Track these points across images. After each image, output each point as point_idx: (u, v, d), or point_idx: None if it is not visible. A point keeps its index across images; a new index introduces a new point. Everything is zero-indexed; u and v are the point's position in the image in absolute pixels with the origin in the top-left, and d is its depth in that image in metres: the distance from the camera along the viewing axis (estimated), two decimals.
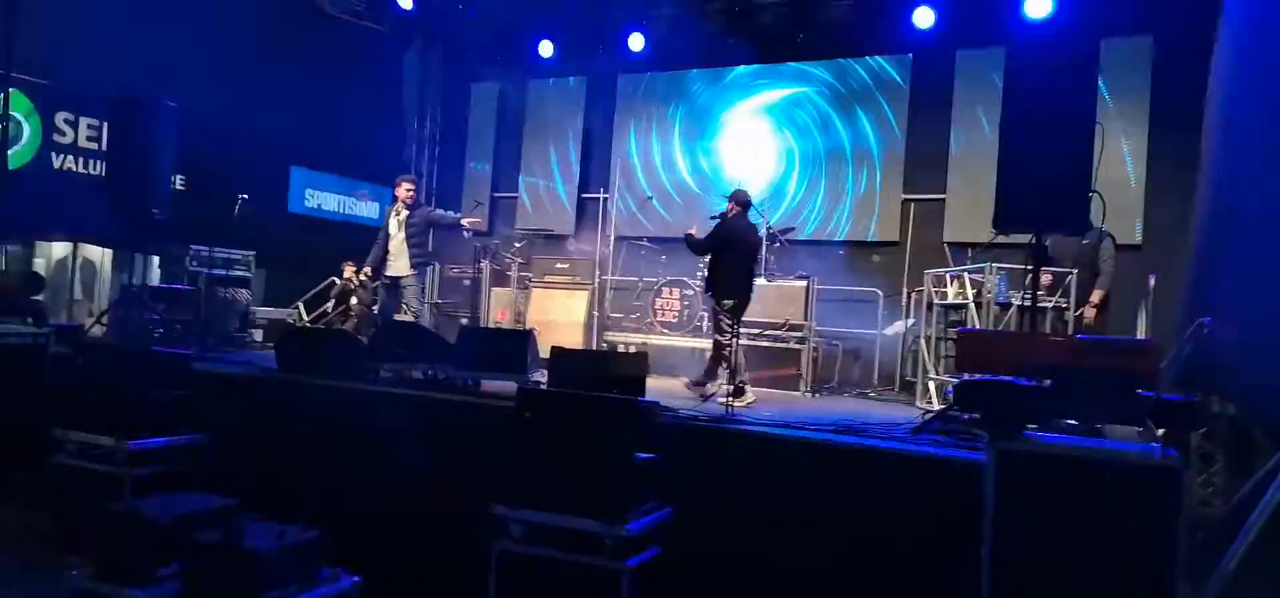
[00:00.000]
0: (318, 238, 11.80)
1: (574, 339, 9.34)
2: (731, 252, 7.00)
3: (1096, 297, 6.82)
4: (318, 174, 12.54)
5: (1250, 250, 4.30)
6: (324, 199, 12.67)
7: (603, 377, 4.59)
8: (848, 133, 10.84)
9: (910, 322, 8.52)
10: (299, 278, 10.91)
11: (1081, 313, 6.71)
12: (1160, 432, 3.55)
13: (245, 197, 9.22)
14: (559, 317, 9.68)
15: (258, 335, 9.52)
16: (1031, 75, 4.91)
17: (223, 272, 9.42)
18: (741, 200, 7.26)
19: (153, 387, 5.11)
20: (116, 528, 3.31)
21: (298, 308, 10.71)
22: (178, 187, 9.11)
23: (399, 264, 8.13)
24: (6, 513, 5.64)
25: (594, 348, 9.12)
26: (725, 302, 6.64)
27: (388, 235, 8.25)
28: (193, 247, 9.43)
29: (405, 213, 8.19)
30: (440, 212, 9.00)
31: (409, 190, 8.32)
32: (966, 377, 4.84)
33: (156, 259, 9.26)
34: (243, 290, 9.65)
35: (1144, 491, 3.19)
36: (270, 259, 10.52)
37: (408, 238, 8.12)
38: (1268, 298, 3.81)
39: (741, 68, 11.48)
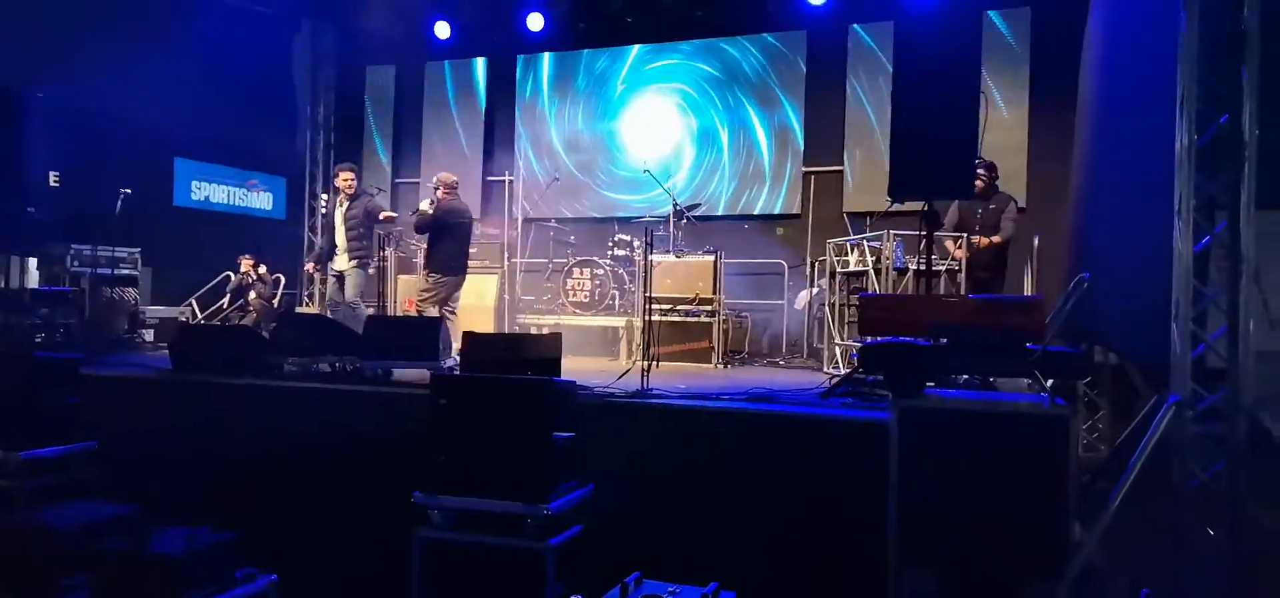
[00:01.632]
0: (207, 232, 11.32)
1: (485, 324, 9.27)
2: (449, 231, 7.81)
3: (993, 241, 7.05)
4: (205, 166, 12.00)
5: (1125, 207, 4.59)
6: (212, 191, 12.15)
7: (517, 359, 4.58)
8: (747, 109, 11.03)
9: (815, 291, 8.77)
10: (189, 274, 10.48)
11: (976, 243, 6.96)
12: (1048, 383, 3.78)
13: (127, 191, 8.77)
14: (469, 302, 9.57)
15: (148, 336, 9.11)
16: (919, 48, 5.10)
17: (108, 271, 8.97)
18: (449, 184, 8.08)
19: (41, 394, 4.84)
20: (14, 542, 3.15)
21: (191, 305, 10.29)
22: (52, 183, 8.60)
23: (340, 258, 7.94)
24: None
25: (506, 331, 9.07)
26: (443, 277, 7.69)
27: (333, 227, 8.04)
28: (73, 246, 8.93)
29: (346, 204, 7.99)
30: (381, 203, 8.73)
31: (347, 179, 8.12)
32: (869, 341, 5.03)
33: (34, 260, 8.72)
34: (130, 289, 9.22)
35: (1036, 439, 3.39)
36: (157, 256, 10.05)
37: (346, 230, 7.93)
38: (1139, 251, 4.09)
39: (641, 46, 11.52)
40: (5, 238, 7.41)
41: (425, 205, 7.89)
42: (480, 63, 12.34)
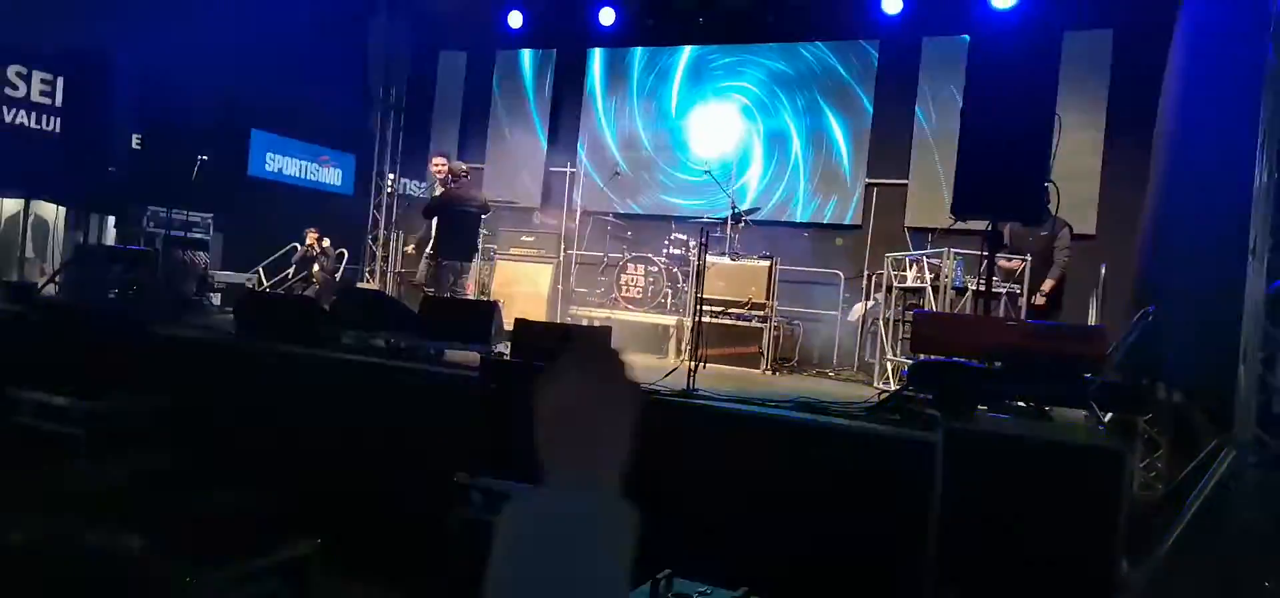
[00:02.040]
0: (278, 203, 11.63)
1: (538, 312, 9.35)
2: (454, 216, 8.24)
3: (1047, 286, 6.96)
4: (279, 138, 12.33)
5: (1196, 241, 4.45)
6: (285, 164, 12.47)
7: (567, 350, 4.62)
8: (814, 116, 10.92)
9: (870, 304, 8.66)
10: (258, 243, 10.76)
11: (1032, 301, 6.86)
12: (1107, 416, 3.68)
13: (205, 158, 9.07)
14: (523, 289, 9.68)
15: (216, 299, 9.40)
16: (994, 64, 5.01)
17: (181, 234, 9.27)
18: (459, 172, 8.54)
19: (110, 347, 5.04)
20: (78, 485, 3.29)
21: (258, 273, 10.58)
22: (135, 145, 8.93)
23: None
24: None
25: (558, 322, 9.14)
26: (445, 261, 8.08)
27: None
28: (150, 207, 9.25)
29: (439, 191, 8.28)
30: (475, 193, 8.92)
31: (439, 166, 8.41)
32: (922, 358, 4.95)
33: (112, 219, 9.08)
34: (201, 253, 9.51)
35: (1088, 473, 3.30)
36: (229, 223, 10.36)
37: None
38: (1211, 288, 3.95)
39: (711, 46, 11.49)
40: (87, 196, 7.72)
41: (435, 188, 8.41)
42: (550, 54, 12.45)
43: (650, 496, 4.14)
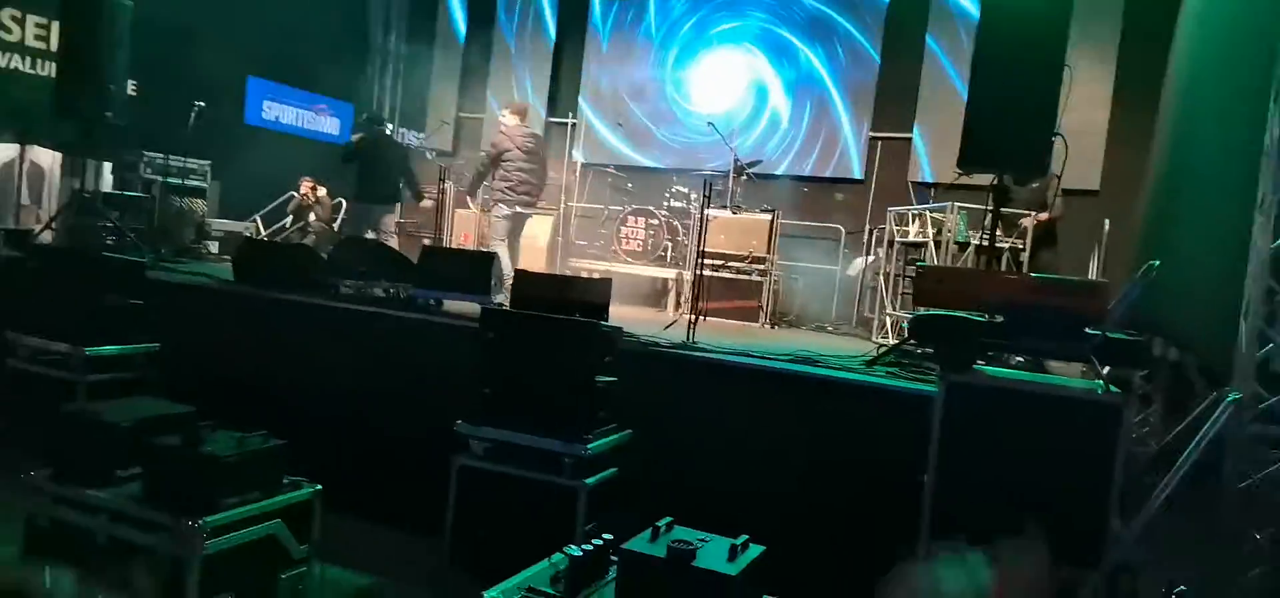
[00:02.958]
0: (275, 151, 11.54)
1: (537, 264, 9.33)
2: (369, 160, 8.82)
3: (1043, 216, 6.87)
4: (277, 86, 12.21)
5: (1202, 198, 4.41)
6: (282, 112, 12.37)
7: (566, 301, 4.60)
8: (818, 69, 10.81)
9: (870, 259, 8.63)
10: (255, 191, 10.70)
11: (1026, 226, 6.79)
12: (1105, 370, 3.67)
13: (201, 104, 8.97)
14: (523, 241, 9.64)
15: (213, 247, 9.36)
16: (1006, 17, 4.92)
17: (178, 181, 9.21)
18: (377, 119, 9.53)
19: (107, 293, 5.02)
20: (77, 430, 3.29)
21: (255, 221, 10.54)
22: (131, 91, 8.83)
23: None
24: None
25: (557, 273, 9.13)
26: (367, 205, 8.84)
27: None
28: (146, 154, 9.18)
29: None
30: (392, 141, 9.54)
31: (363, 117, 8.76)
32: (922, 311, 4.94)
33: (109, 165, 9.01)
34: (198, 201, 9.48)
35: (1085, 425, 3.30)
36: (226, 171, 10.29)
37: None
38: (1214, 246, 3.93)
39: None
40: (83, 142, 7.65)
41: (353, 138, 9.20)
42: (553, 2, 12.28)
43: (651, 446, 4.18)
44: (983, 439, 3.39)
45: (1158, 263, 5.03)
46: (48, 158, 9.22)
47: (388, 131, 9.47)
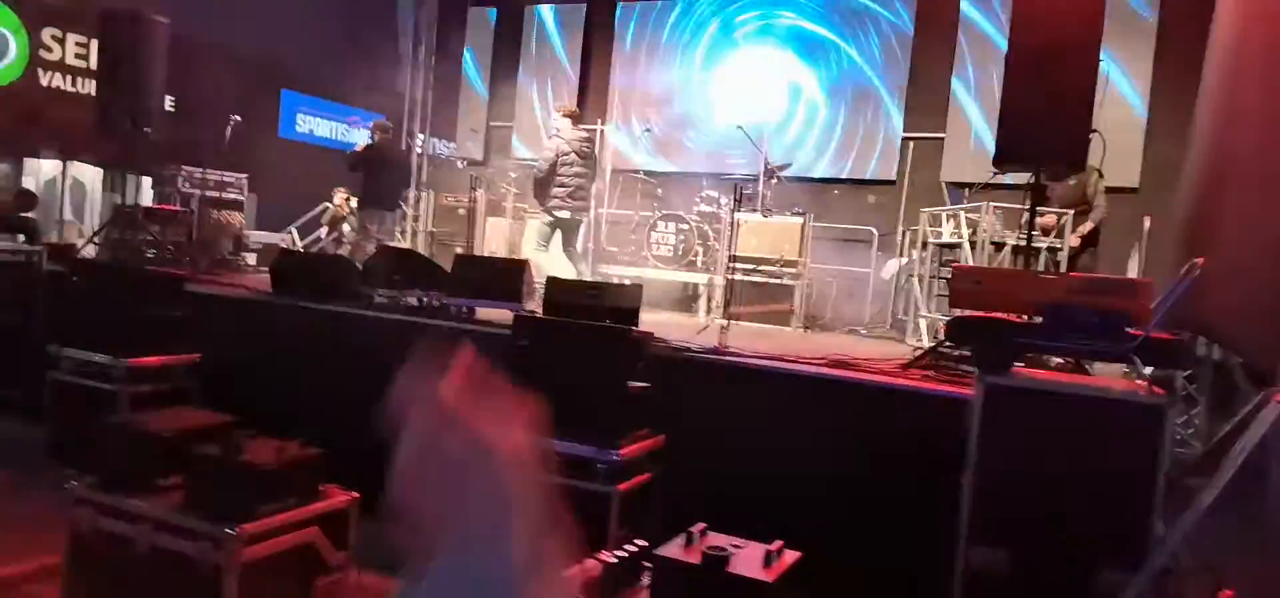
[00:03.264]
0: (309, 164, 11.72)
1: (567, 271, 9.34)
2: (375, 169, 9.09)
3: (1086, 227, 6.81)
4: (310, 99, 12.39)
5: (1246, 194, 4.31)
6: (316, 125, 12.55)
7: (597, 307, 4.61)
8: (849, 71, 10.75)
9: (904, 260, 8.54)
10: (290, 204, 10.86)
11: (1068, 243, 6.72)
12: (1147, 371, 3.59)
13: (237, 119, 9.13)
14: (554, 247, 9.66)
15: (251, 259, 9.51)
16: (1039, 12, 4.85)
17: (216, 194, 9.37)
18: (384, 127, 9.70)
19: (149, 306, 5.11)
20: (120, 440, 3.34)
21: (291, 232, 10.69)
22: (169, 108, 9.01)
23: None
24: (4, 426, 5.69)
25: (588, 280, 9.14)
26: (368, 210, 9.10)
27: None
28: (184, 168, 9.35)
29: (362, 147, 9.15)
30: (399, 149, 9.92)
31: (372, 127, 8.99)
32: (959, 313, 4.88)
33: (148, 180, 9.19)
34: (236, 213, 9.62)
35: (1127, 427, 3.24)
36: (262, 184, 10.46)
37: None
38: (1259, 243, 3.84)
39: (744, 1, 11.31)
40: (124, 157, 7.82)
41: (359, 146, 9.41)
42: (580, 8, 12.33)
43: (684, 451, 4.16)
44: (1022, 442, 3.34)
45: (1201, 260, 4.92)
46: (89, 174, 9.46)
47: (391, 138, 9.79)
